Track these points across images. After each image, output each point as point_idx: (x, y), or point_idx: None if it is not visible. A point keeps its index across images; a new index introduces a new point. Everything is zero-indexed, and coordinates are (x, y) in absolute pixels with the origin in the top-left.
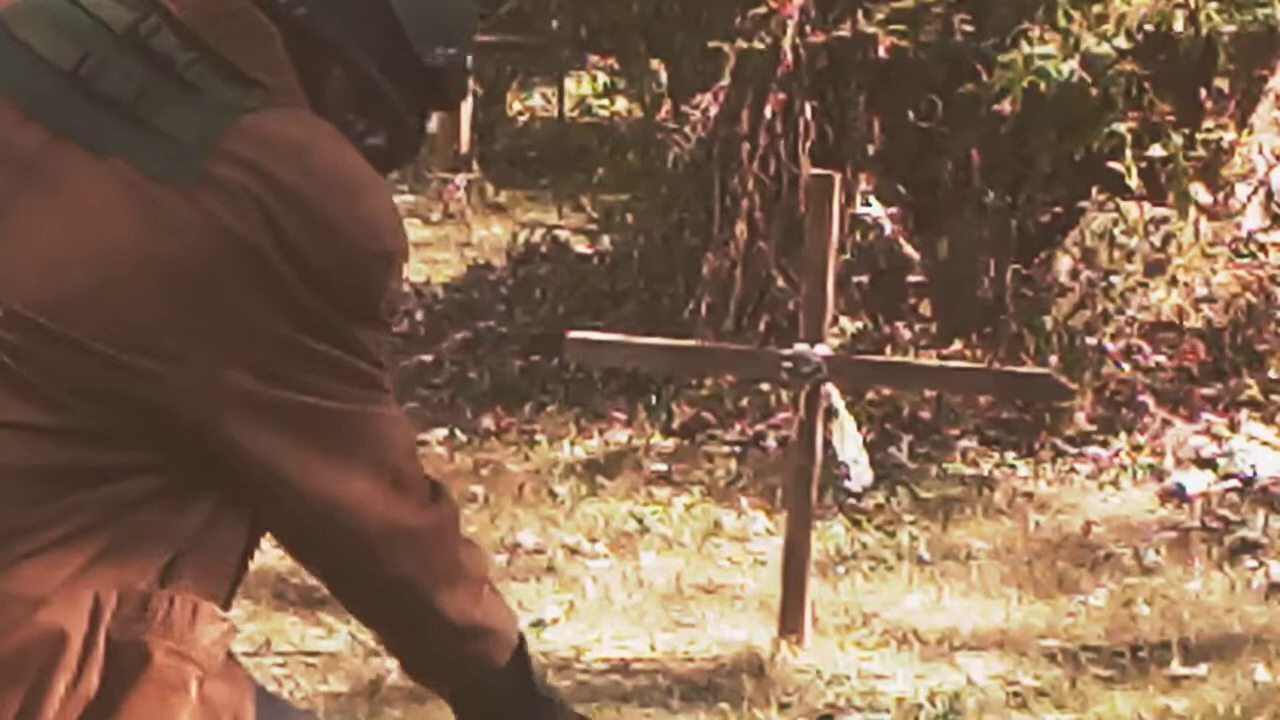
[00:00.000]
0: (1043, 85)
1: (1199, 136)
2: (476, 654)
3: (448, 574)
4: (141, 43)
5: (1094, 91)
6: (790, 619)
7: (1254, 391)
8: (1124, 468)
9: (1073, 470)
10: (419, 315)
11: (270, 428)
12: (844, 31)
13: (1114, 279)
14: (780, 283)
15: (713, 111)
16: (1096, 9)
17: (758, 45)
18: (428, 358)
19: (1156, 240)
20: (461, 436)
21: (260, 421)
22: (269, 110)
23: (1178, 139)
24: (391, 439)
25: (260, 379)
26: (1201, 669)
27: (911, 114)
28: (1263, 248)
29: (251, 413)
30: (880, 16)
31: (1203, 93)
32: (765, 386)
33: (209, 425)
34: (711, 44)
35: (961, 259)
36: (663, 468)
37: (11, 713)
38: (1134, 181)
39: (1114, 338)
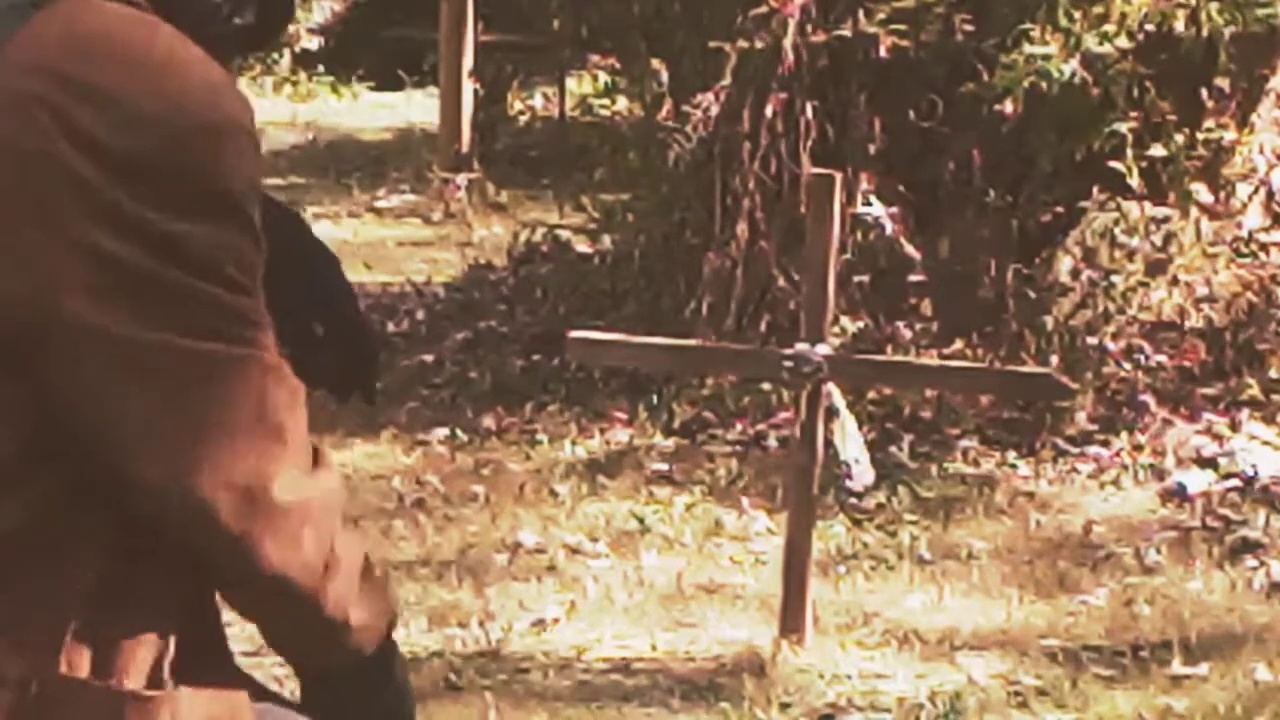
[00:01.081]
0: (1044, 85)
1: (1200, 136)
2: (343, 645)
3: (323, 562)
4: None
5: (1095, 91)
6: (791, 618)
7: (1255, 391)
8: (1125, 467)
9: (1074, 470)
10: (420, 315)
11: (119, 377)
12: (845, 31)
13: (1115, 278)
14: (781, 282)
15: (714, 111)
16: (1097, 9)
17: (758, 45)
18: (428, 357)
19: (1157, 240)
20: (462, 436)
21: (110, 369)
22: (61, 3)
23: (1179, 138)
24: (261, 392)
25: (96, 308)
26: (1202, 668)
27: (912, 114)
28: (1264, 247)
29: (101, 357)
30: (881, 16)
31: (1204, 92)
32: (766, 386)
33: (60, 375)
34: (712, 44)
35: (962, 258)
36: (664, 467)
37: None
38: (1135, 181)
39: (1115, 337)
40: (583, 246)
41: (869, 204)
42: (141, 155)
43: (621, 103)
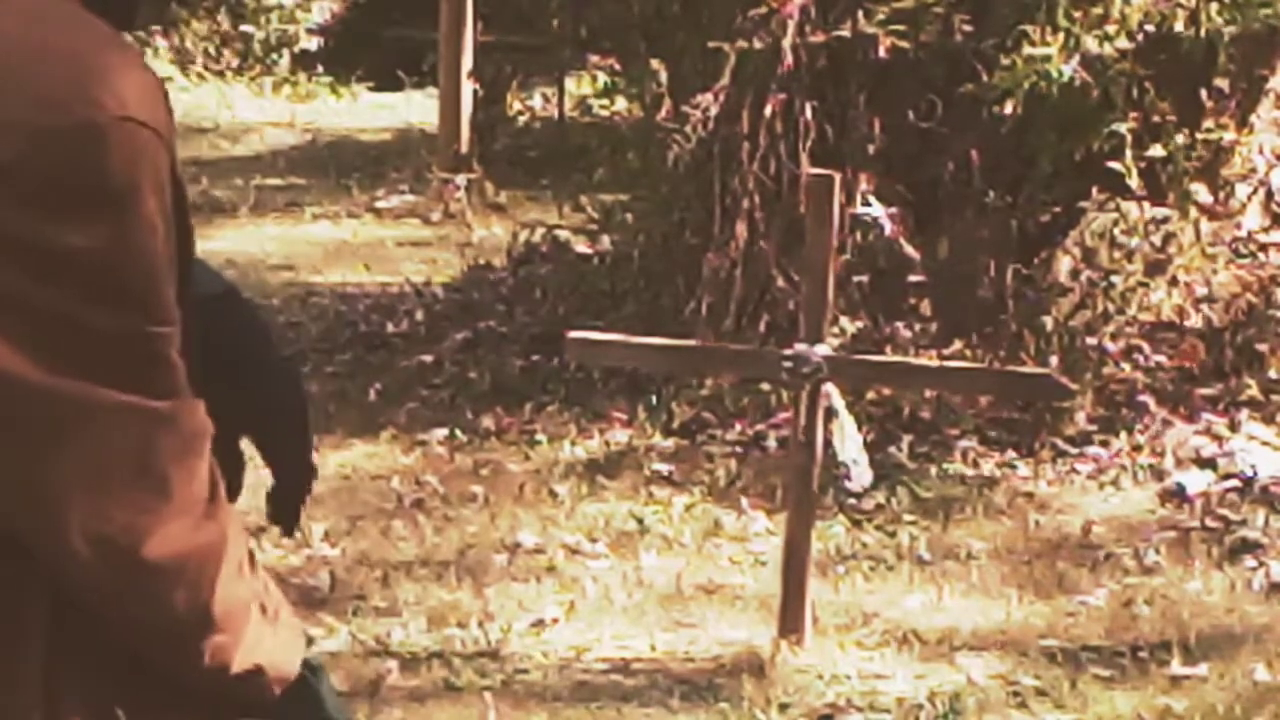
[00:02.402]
0: (1043, 86)
1: (1199, 136)
2: (232, 691)
3: (197, 618)
4: None
5: (1094, 92)
6: (790, 619)
7: (1254, 391)
8: (1124, 467)
9: (1073, 470)
10: (419, 315)
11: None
12: (844, 31)
13: (1114, 279)
14: (780, 282)
15: (713, 111)
16: (1097, 9)
17: (758, 45)
18: (428, 358)
19: (1157, 240)
20: (462, 436)
21: None
22: None
23: (1178, 139)
24: (145, 442)
25: None
26: (1202, 669)
27: (912, 114)
28: (1263, 248)
29: None
30: (880, 16)
31: (1203, 93)
32: (765, 386)
33: None
34: (712, 44)
35: (962, 259)
36: (663, 468)
37: None
38: (1134, 181)
39: (1114, 338)
40: (582, 247)
41: (868, 204)
42: (10, 161)
43: (621, 103)
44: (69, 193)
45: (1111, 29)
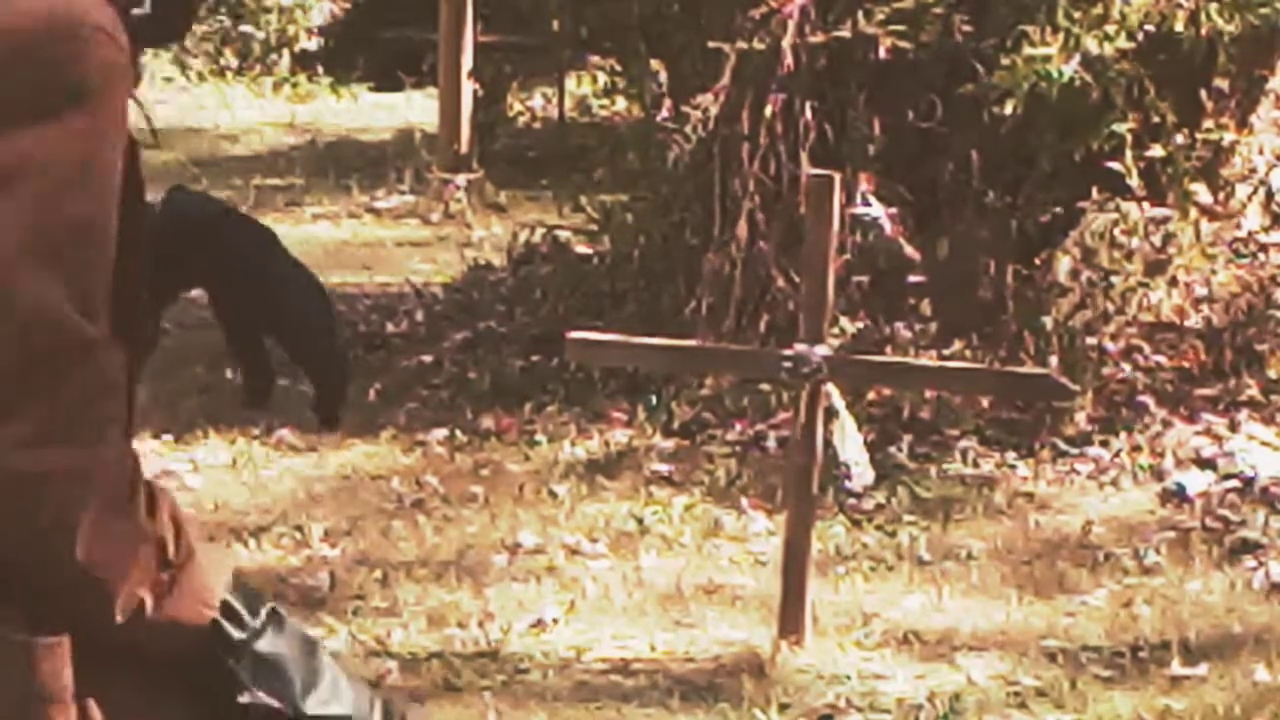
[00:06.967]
0: (1043, 86)
1: (1199, 136)
2: (138, 627)
3: (68, 533)
4: None
5: (1094, 92)
6: (790, 619)
7: (1254, 391)
8: (1124, 468)
9: (1073, 470)
10: (419, 315)
11: None
12: (844, 32)
13: (1114, 279)
14: (780, 283)
15: (713, 111)
16: (1097, 9)
17: (758, 45)
18: (428, 358)
19: (1157, 240)
20: (461, 437)
21: None
22: None
23: (1178, 139)
24: (52, 358)
25: None
26: (1202, 669)
27: (911, 114)
28: (1263, 248)
29: None
30: (880, 17)
31: (1203, 93)
32: (765, 386)
33: None
34: (711, 44)
35: (961, 259)
36: (663, 468)
37: None
38: (1134, 181)
39: (1114, 338)
40: (582, 247)
41: (868, 204)
42: None
43: (620, 103)
44: (48, 92)
45: (1111, 29)
